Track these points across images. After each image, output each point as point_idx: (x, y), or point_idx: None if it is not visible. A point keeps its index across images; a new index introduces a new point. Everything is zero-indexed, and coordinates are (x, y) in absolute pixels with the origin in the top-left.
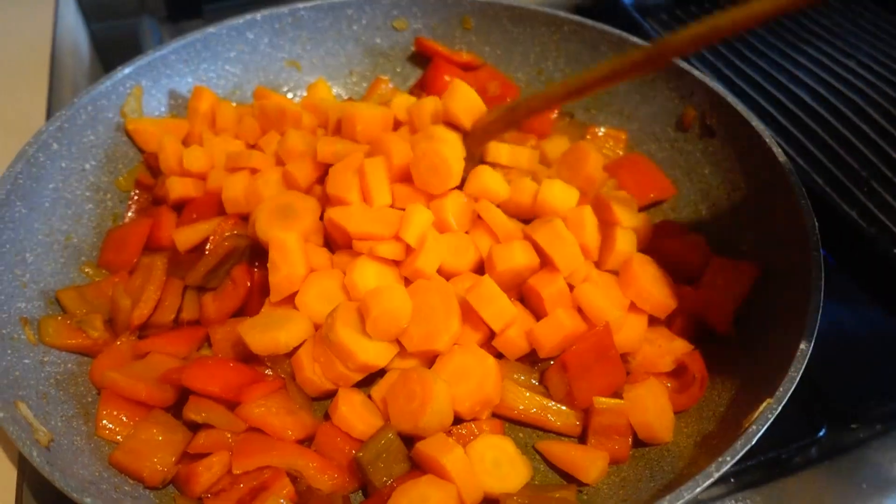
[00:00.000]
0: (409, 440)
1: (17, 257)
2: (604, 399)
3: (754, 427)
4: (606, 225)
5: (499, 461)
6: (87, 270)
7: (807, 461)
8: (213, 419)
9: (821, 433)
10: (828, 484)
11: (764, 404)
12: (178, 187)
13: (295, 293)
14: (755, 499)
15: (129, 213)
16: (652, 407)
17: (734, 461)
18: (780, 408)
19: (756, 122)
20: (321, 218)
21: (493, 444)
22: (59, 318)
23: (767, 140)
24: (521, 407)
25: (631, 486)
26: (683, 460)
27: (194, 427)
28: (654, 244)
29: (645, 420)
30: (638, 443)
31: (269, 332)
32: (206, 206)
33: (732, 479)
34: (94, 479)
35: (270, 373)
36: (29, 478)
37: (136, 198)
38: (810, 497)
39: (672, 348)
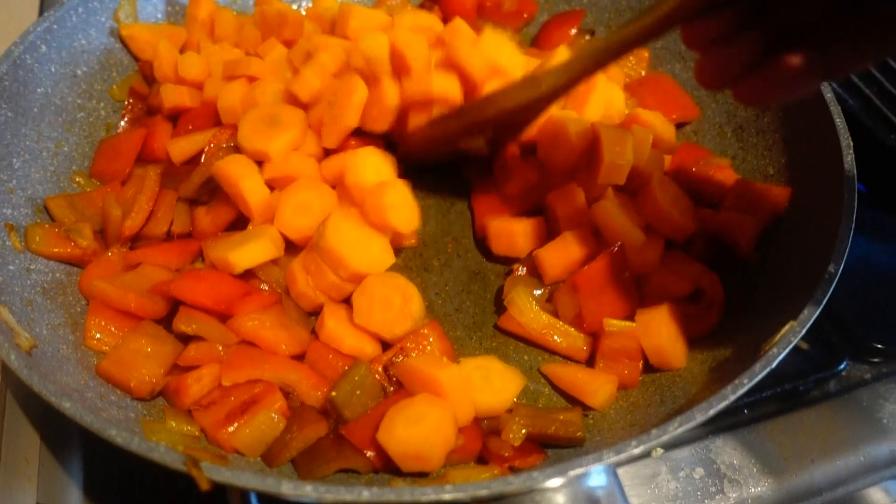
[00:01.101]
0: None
1: (3, 162)
2: (614, 321)
3: (775, 350)
4: None
5: (488, 377)
6: (78, 180)
7: (825, 394)
8: (203, 331)
9: (841, 366)
10: (846, 418)
11: (787, 327)
12: (173, 96)
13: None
14: (769, 430)
15: (123, 123)
16: (665, 331)
17: (752, 383)
18: (803, 331)
19: None
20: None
21: (478, 365)
22: (47, 226)
23: None
24: (527, 319)
25: (640, 411)
26: (697, 385)
27: (185, 340)
28: (675, 166)
29: (657, 344)
30: (649, 368)
31: (225, 251)
32: (202, 117)
33: (746, 411)
34: (80, 388)
35: (266, 288)
36: (12, 384)
37: (129, 107)
38: (826, 431)
39: (689, 272)
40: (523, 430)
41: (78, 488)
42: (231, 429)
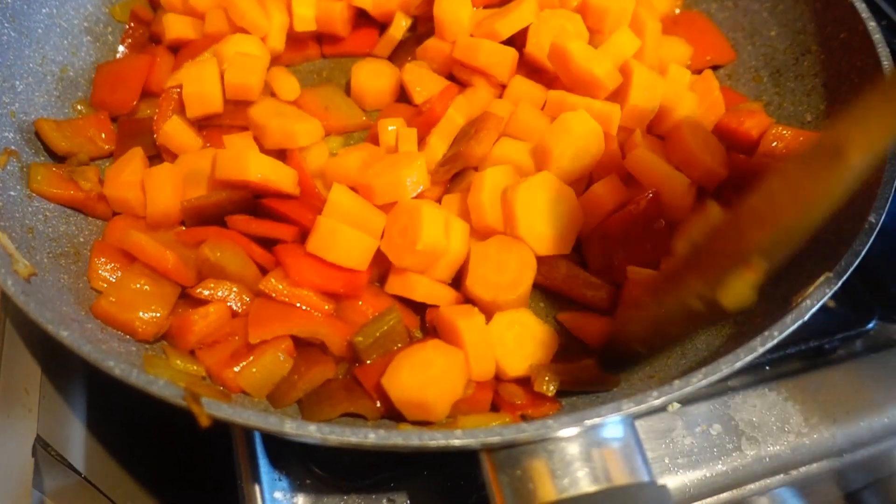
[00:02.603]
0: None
1: (6, 84)
2: (639, 269)
3: (808, 302)
4: None
5: (521, 338)
6: (79, 108)
7: (851, 354)
8: (226, 260)
9: (870, 325)
10: (872, 378)
11: (822, 278)
12: (175, 27)
13: None
14: (791, 388)
15: (122, 48)
16: None
17: (782, 336)
18: (839, 282)
19: None
20: None
21: (513, 320)
22: (53, 166)
23: None
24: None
25: (659, 363)
26: (721, 338)
27: None
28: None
29: None
30: None
31: None
32: (203, 50)
33: (767, 367)
34: (80, 318)
35: None
36: (12, 312)
37: (130, 31)
38: (851, 391)
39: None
40: (552, 385)
41: (81, 421)
42: (237, 368)
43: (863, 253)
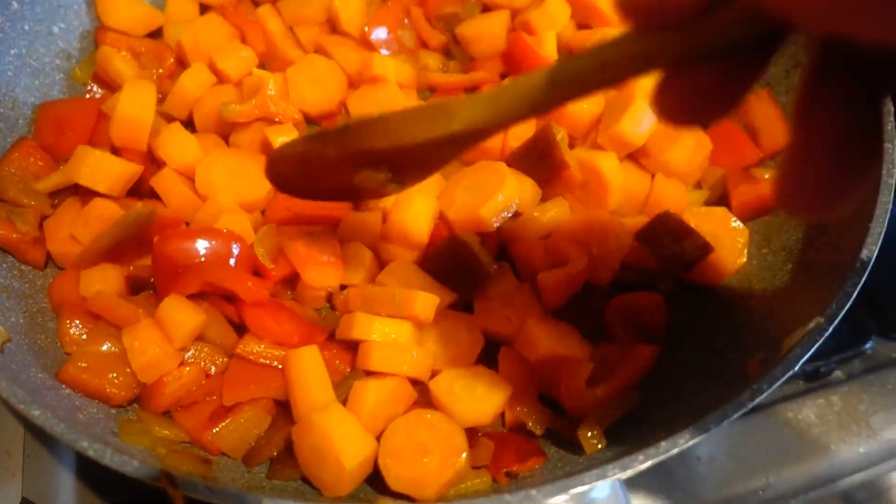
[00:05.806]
0: None
1: None
2: None
3: (798, 350)
4: None
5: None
6: None
7: (849, 375)
8: (206, 323)
9: (867, 345)
10: (869, 400)
11: (812, 323)
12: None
13: None
14: (786, 414)
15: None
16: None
17: (771, 390)
18: (830, 329)
19: None
20: None
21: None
22: None
23: None
24: None
25: (647, 409)
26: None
27: None
28: None
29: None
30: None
31: None
32: None
33: None
34: (55, 385)
35: None
36: None
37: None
38: (849, 414)
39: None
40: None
41: (70, 474)
42: (216, 430)
43: (854, 294)
